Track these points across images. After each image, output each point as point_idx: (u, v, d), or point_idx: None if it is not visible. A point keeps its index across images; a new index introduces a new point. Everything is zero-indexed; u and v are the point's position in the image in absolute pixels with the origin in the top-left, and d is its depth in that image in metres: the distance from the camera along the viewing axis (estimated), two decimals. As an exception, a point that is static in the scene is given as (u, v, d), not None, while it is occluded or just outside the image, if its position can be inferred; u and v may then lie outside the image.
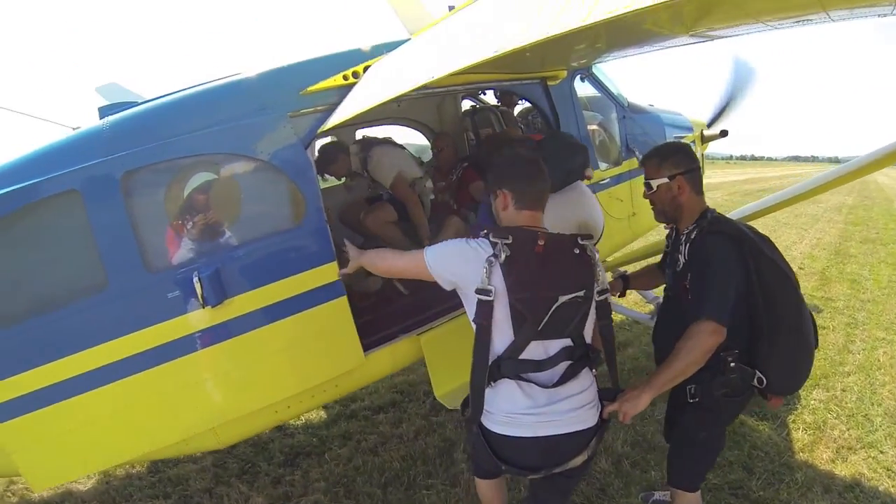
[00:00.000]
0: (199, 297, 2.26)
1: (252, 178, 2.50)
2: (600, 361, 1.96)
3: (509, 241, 1.77)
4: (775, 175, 38.83)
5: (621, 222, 3.81)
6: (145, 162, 2.25)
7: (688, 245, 2.14)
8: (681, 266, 2.16)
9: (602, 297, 1.91)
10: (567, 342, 1.83)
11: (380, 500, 3.05)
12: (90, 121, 2.41)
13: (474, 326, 1.82)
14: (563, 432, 1.81)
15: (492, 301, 1.75)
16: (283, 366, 2.50)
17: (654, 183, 2.19)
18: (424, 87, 1.89)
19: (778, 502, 2.88)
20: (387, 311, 3.16)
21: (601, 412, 1.94)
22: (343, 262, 2.45)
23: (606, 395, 1.98)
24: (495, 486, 2.27)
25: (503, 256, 1.75)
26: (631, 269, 3.06)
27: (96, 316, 2.22)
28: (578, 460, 1.87)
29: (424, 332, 2.83)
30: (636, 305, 5.66)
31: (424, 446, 3.52)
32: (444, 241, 1.97)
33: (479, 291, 1.75)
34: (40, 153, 2.25)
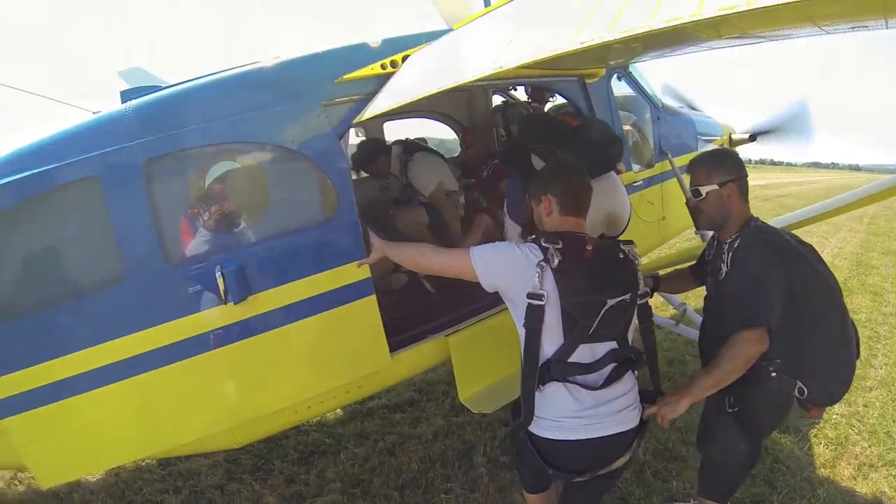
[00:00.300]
0: (222, 292, 2.26)
1: (281, 169, 2.52)
2: (642, 363, 2.07)
3: (560, 247, 1.88)
4: (795, 181, 38.83)
5: (651, 226, 3.88)
6: (169, 149, 2.26)
7: (731, 254, 2.20)
8: (723, 274, 2.22)
9: (643, 300, 2.04)
10: (613, 345, 1.95)
11: (397, 503, 3.12)
12: (112, 105, 2.42)
13: (523, 331, 1.92)
14: (609, 434, 1.93)
15: (543, 305, 1.84)
16: (306, 366, 2.53)
17: (704, 189, 2.23)
18: (480, 80, 1.92)
19: (801, 518, 2.96)
20: (413, 310, 3.21)
21: (641, 414, 2.05)
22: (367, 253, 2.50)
23: (646, 397, 2.11)
24: (545, 500, 2.37)
25: (555, 261, 1.85)
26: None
27: (112, 310, 2.23)
28: (621, 461, 1.99)
29: (452, 333, 2.88)
30: (658, 310, 5.73)
31: (443, 448, 3.60)
32: (490, 243, 2.06)
33: (531, 296, 1.85)
34: (58, 137, 2.25)
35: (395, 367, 2.72)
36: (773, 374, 2.12)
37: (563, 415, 1.92)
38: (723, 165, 2.22)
